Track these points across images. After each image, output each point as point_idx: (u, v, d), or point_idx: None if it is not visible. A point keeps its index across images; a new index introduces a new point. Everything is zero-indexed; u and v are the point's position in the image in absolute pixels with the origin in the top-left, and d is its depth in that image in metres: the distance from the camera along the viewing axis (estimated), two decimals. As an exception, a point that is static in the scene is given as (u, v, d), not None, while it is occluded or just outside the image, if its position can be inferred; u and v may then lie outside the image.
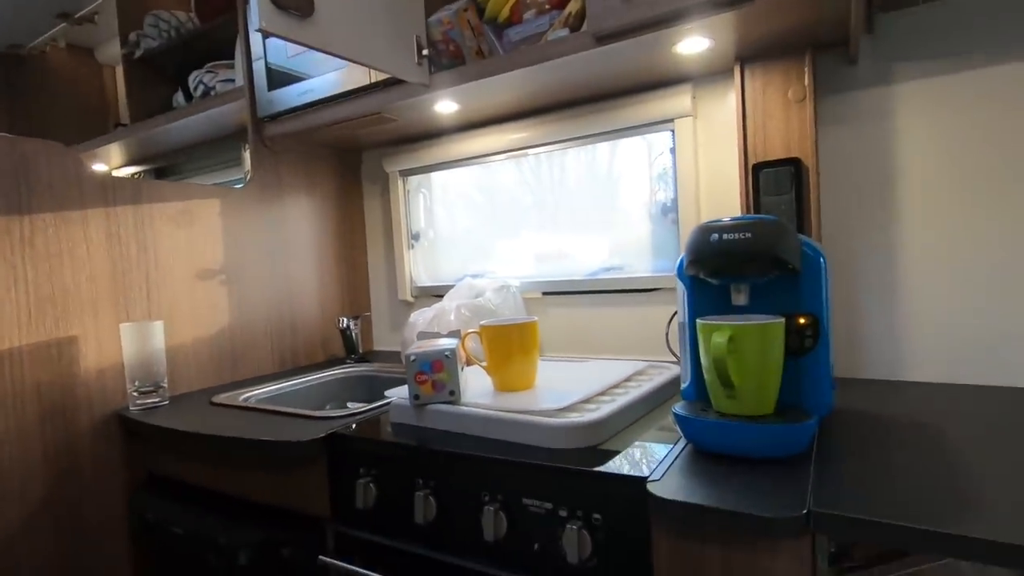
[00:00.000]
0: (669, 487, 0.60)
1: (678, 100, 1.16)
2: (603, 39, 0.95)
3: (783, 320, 0.67)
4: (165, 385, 1.15)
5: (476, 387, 0.92)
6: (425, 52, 1.12)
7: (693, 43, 0.97)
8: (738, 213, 1.13)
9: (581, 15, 1.01)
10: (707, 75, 1.15)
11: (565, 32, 1.02)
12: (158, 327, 1.13)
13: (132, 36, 1.80)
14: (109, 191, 1.14)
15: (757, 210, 1.03)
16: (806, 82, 0.99)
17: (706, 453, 0.69)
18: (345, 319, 1.49)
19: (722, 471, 0.63)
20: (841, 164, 1.05)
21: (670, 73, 1.13)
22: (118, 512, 1.13)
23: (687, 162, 1.18)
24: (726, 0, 0.84)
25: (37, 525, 1.02)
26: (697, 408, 0.72)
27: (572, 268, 1.39)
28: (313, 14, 0.89)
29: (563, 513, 0.68)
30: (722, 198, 1.16)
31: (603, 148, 1.33)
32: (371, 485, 0.83)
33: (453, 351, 0.86)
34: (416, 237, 1.65)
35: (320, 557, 0.85)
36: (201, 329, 1.29)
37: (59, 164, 1.07)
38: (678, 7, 0.86)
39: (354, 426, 0.91)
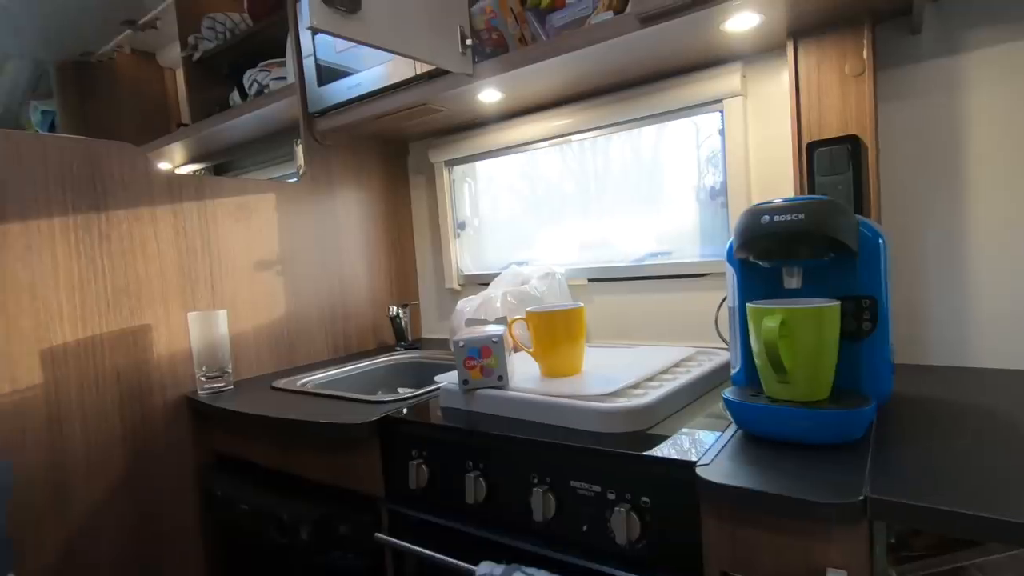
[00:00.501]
0: (719, 471, 0.60)
1: (727, 79, 1.13)
2: (648, 20, 0.93)
3: (838, 303, 0.65)
4: (230, 370, 1.21)
5: (523, 372, 0.94)
6: (469, 42, 1.13)
7: (742, 20, 0.94)
8: (791, 195, 1.10)
9: (625, -3, 1.00)
10: (757, 52, 1.11)
11: (609, 15, 1.01)
12: (222, 316, 1.20)
13: (191, 39, 1.89)
14: (175, 189, 1.21)
15: (812, 191, 1.00)
16: (864, 56, 0.95)
17: (757, 439, 0.68)
18: (395, 307, 1.53)
19: (773, 457, 0.62)
20: (902, 141, 1.00)
21: (718, 52, 1.10)
22: (187, 487, 1.21)
23: (737, 143, 1.15)
24: (777, -27, 0.81)
25: (118, 496, 1.10)
26: (747, 393, 0.71)
27: (617, 254, 1.38)
28: (360, 10, 0.92)
29: (611, 496, 0.69)
30: (774, 180, 1.13)
31: (648, 132, 1.31)
32: (423, 466, 0.86)
33: (500, 337, 0.87)
34: (462, 226, 1.67)
35: (376, 535, 0.89)
36: (260, 317, 1.36)
37: (130, 164, 1.14)
38: (726, -17, 0.83)
39: (405, 410, 0.94)
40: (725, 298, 1.07)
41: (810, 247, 0.65)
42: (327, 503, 0.97)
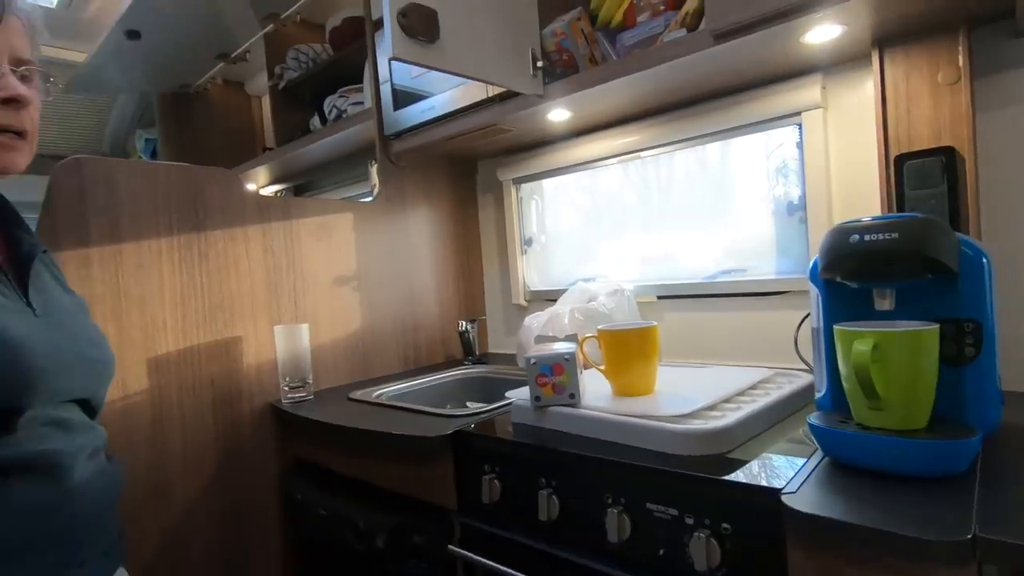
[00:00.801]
0: (806, 500, 0.58)
1: (806, 91, 1.10)
2: (723, 36, 0.92)
3: (937, 327, 0.62)
4: (310, 381, 1.28)
5: (594, 390, 0.94)
6: (540, 64, 1.15)
7: (824, 31, 0.92)
8: (877, 209, 1.05)
9: (699, 13, 0.99)
10: (838, 63, 1.07)
11: (682, 32, 1.01)
12: (304, 329, 1.27)
13: (277, 69, 2.03)
14: (264, 210, 1.30)
15: (901, 205, 0.95)
16: (960, 63, 0.90)
17: (846, 468, 0.65)
18: (464, 322, 1.57)
19: (865, 488, 0.59)
20: (1005, 152, 0.94)
21: (796, 64, 1.07)
22: (271, 490, 1.28)
23: (817, 157, 1.11)
24: (863, -17, 0.79)
25: (209, 494, 1.18)
26: (835, 419, 0.68)
27: (683, 269, 1.36)
28: (439, 39, 0.96)
29: (689, 520, 0.67)
30: (857, 195, 1.08)
31: (715, 143, 1.28)
32: (495, 481, 0.87)
33: (573, 355, 0.88)
34: (528, 242, 1.69)
35: (449, 546, 0.91)
36: (338, 331, 1.42)
37: (227, 188, 1.24)
38: (807, -4, 0.81)
39: (472, 425, 0.96)
40: (806, 317, 1.03)
41: (906, 268, 0.62)
42: (402, 512, 1.00)
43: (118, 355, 1.06)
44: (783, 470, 0.66)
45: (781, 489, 0.60)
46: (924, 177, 0.92)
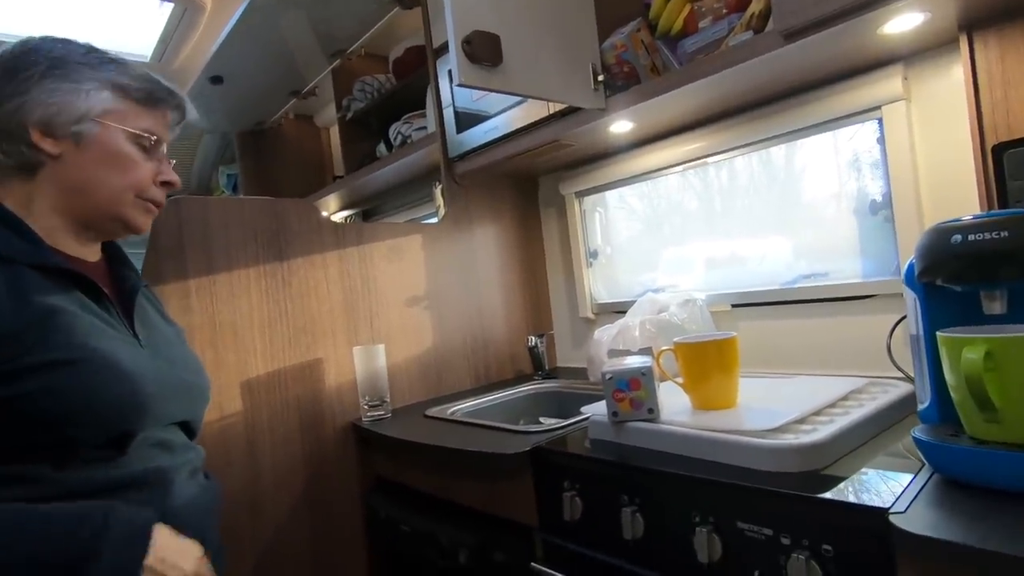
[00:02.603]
0: (917, 521, 0.54)
1: (886, 84, 1.04)
2: (793, 35, 0.89)
3: (1060, 330, 0.57)
4: (388, 400, 1.32)
5: (673, 404, 0.92)
6: (601, 78, 1.16)
7: (904, 21, 0.87)
8: (973, 203, 0.97)
9: (765, 14, 0.97)
10: (921, 51, 1.01)
11: (748, 35, 0.98)
12: (381, 349, 1.31)
13: (344, 101, 2.13)
14: (340, 236, 1.36)
15: (1002, 197, 0.88)
16: (1064, 41, 0.83)
17: (959, 485, 0.60)
18: (533, 337, 1.57)
19: (983, 507, 0.55)
20: (1124, 132, 0.85)
21: (874, 56, 1.02)
22: (355, 507, 1.32)
23: (902, 152, 1.04)
24: (947, -33, 0.74)
25: (299, 511, 1.23)
26: (945, 433, 0.63)
27: (760, 276, 1.31)
28: (502, 62, 0.98)
29: (785, 541, 0.64)
30: (950, 190, 1.01)
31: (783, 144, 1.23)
32: (576, 499, 0.87)
33: (649, 369, 0.86)
34: (594, 255, 1.68)
35: (532, 564, 0.91)
36: (412, 349, 1.47)
37: (306, 217, 1.31)
38: (885, -13, 0.78)
39: (549, 441, 0.95)
40: (899, 321, 0.97)
41: (1018, 268, 0.57)
42: (483, 529, 1.01)
43: (214, 379, 1.13)
44: (886, 488, 0.62)
45: (888, 508, 0.57)
46: (1029, 166, 0.85)
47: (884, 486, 0.62)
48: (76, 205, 0.70)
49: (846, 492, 0.62)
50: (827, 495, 0.62)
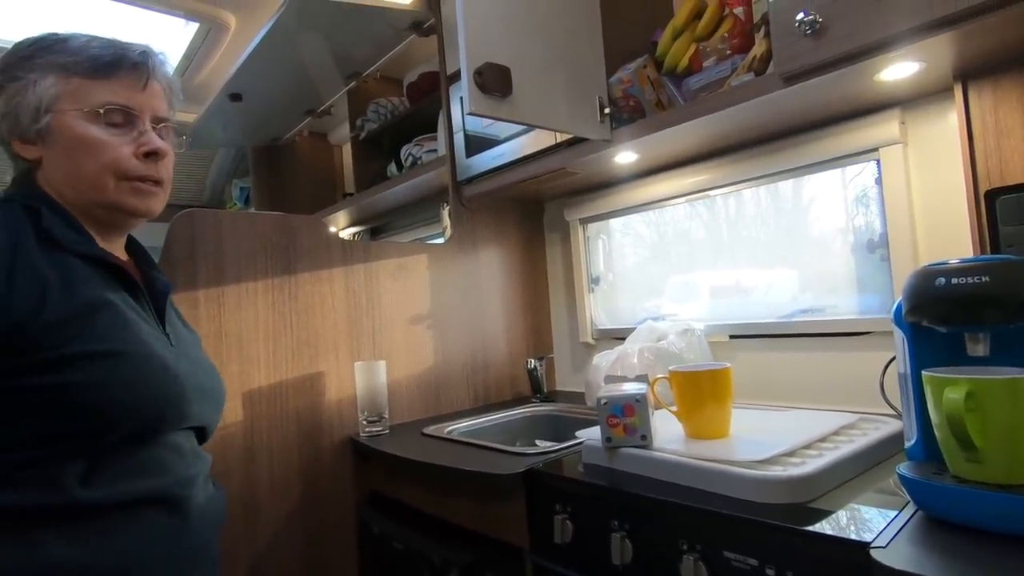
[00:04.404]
0: (897, 556, 0.55)
1: (883, 127, 1.07)
2: (792, 79, 0.93)
3: (1040, 374, 0.58)
4: (387, 416, 1.33)
5: (666, 432, 0.93)
6: (607, 110, 1.19)
7: (900, 69, 0.90)
8: (967, 246, 0.99)
9: (766, 57, 1.00)
10: (918, 97, 1.05)
11: (750, 76, 1.02)
12: (382, 366, 1.33)
13: (358, 121, 2.19)
14: (348, 252, 1.39)
15: (995, 242, 0.90)
16: (1054, 94, 0.86)
17: (940, 523, 0.61)
18: (532, 360, 1.59)
19: (964, 545, 0.56)
20: (1113, 184, 0.88)
21: (872, 100, 1.05)
22: (349, 521, 1.33)
23: (898, 194, 1.07)
24: (941, 21, 0.77)
25: (293, 523, 1.24)
26: (929, 471, 0.64)
27: (760, 309, 1.33)
28: (511, 94, 1.02)
29: (770, 571, 0.65)
30: (945, 232, 1.03)
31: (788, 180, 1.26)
32: (567, 522, 0.88)
33: (644, 396, 0.88)
34: (596, 281, 1.71)
35: (521, 586, 0.91)
36: (413, 368, 1.48)
37: (314, 233, 1.34)
38: (880, 37, 0.81)
39: (543, 463, 0.97)
40: (892, 359, 0.98)
41: (1002, 312, 0.59)
42: (475, 549, 1.02)
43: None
44: (871, 523, 0.63)
45: (870, 543, 0.58)
46: (1021, 212, 0.88)
47: (868, 521, 0.63)
48: (71, 202, 0.68)
49: (830, 525, 0.63)
50: (812, 528, 0.63)
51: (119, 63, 0.69)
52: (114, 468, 0.63)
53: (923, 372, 0.63)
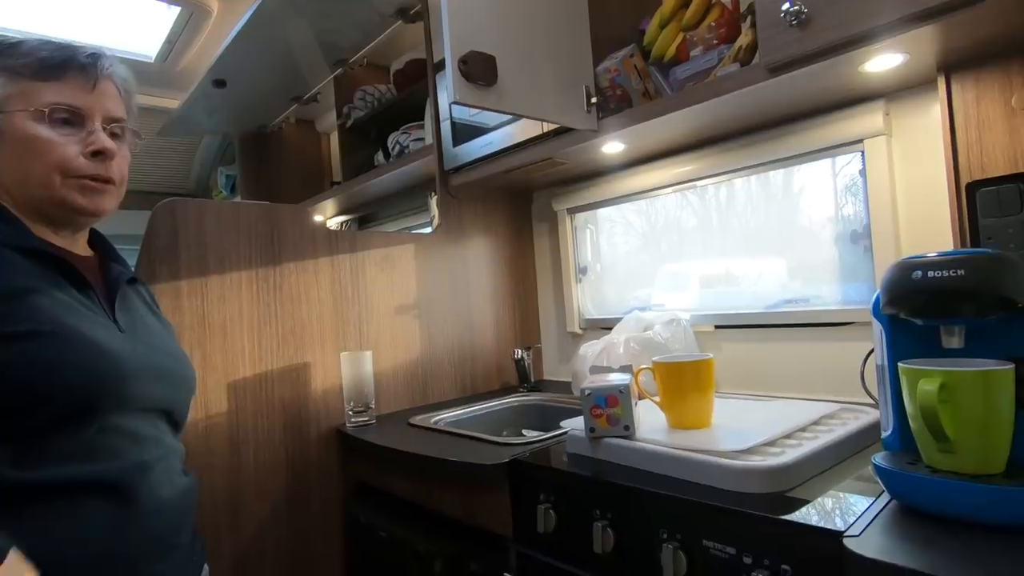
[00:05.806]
0: (870, 545, 0.56)
1: (868, 118, 1.07)
2: (777, 70, 0.93)
3: (1011, 367, 0.59)
4: (373, 406, 1.33)
5: (649, 422, 0.94)
6: (594, 100, 1.19)
7: (884, 60, 0.90)
8: (948, 237, 1.00)
9: (752, 48, 1.00)
10: (902, 89, 1.05)
11: (735, 67, 1.01)
12: (368, 356, 1.33)
13: (345, 109, 2.16)
14: (333, 242, 1.38)
15: (975, 234, 0.91)
16: (1035, 87, 0.86)
17: (914, 512, 0.62)
18: (519, 350, 1.59)
19: (935, 534, 0.57)
20: (1091, 176, 0.88)
21: (856, 91, 1.05)
22: (335, 511, 1.33)
23: (881, 185, 1.08)
24: (925, 13, 0.77)
25: (279, 511, 1.25)
26: (903, 461, 0.66)
27: (743, 295, 1.33)
28: (497, 82, 1.01)
29: (747, 560, 0.66)
30: (927, 223, 1.04)
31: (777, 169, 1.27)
32: (551, 511, 0.88)
33: (627, 386, 0.88)
34: (584, 271, 1.71)
35: (505, 574, 0.92)
36: (399, 358, 1.48)
37: (299, 222, 1.33)
38: (865, 28, 0.81)
39: (528, 453, 0.97)
40: (872, 351, 1.00)
41: (976, 305, 0.60)
42: (459, 539, 1.03)
43: (202, 379, 1.15)
44: (846, 511, 0.64)
45: (844, 532, 0.59)
46: (1001, 204, 0.89)
47: (843, 510, 0.64)
48: (22, 200, 0.70)
49: (806, 514, 0.64)
50: (788, 517, 0.64)
51: (67, 64, 0.71)
52: (49, 450, 0.62)
53: (899, 364, 0.64)
